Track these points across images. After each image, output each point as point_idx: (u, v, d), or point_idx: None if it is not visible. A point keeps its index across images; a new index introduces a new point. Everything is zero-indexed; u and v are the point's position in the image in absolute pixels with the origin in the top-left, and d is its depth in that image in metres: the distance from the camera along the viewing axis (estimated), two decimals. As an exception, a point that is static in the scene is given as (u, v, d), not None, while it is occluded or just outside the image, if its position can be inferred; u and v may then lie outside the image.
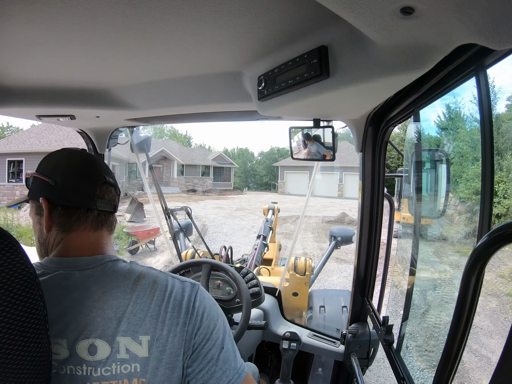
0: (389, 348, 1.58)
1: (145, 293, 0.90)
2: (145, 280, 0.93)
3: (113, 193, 1.06)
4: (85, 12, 0.86)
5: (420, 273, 7.13)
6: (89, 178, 1.00)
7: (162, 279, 0.95)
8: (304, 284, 3.11)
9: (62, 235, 0.97)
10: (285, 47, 1.07)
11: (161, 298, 0.91)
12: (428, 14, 0.63)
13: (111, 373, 0.83)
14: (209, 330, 0.94)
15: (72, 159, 1.03)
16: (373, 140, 1.69)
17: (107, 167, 1.08)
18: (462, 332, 0.68)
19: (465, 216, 10.66)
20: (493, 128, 0.88)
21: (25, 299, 0.70)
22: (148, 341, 0.86)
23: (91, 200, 0.99)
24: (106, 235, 1.04)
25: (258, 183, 53.72)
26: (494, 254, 0.58)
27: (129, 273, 0.93)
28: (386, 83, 0.92)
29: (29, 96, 1.54)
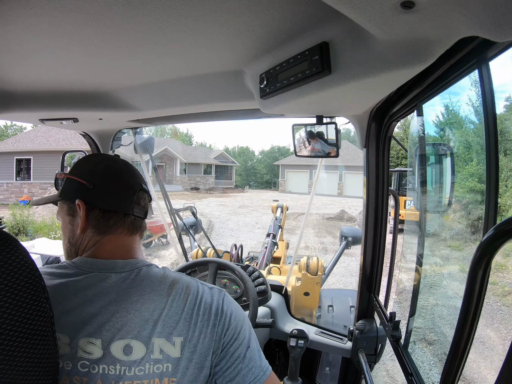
0: (397, 344, 1.58)
1: (180, 297, 0.95)
2: (179, 285, 0.98)
3: (146, 199, 1.10)
4: (85, 15, 0.86)
5: (425, 268, 7.11)
6: (128, 184, 1.04)
7: (193, 285, 1.01)
8: (316, 284, 3.10)
9: (97, 237, 0.99)
10: (286, 45, 1.07)
11: (193, 302, 0.96)
12: (428, 8, 0.63)
13: (144, 372, 0.86)
14: (236, 330, 0.99)
15: (110, 164, 1.06)
16: (377, 135, 1.68)
17: (141, 175, 1.12)
18: (469, 326, 0.68)
19: (467, 210, 10.62)
20: (497, 122, 0.88)
21: (31, 301, 0.71)
22: (181, 342, 0.90)
23: (129, 205, 1.02)
24: (138, 241, 1.08)
25: (259, 181, 54.12)
26: (500, 248, 0.58)
27: (163, 278, 0.98)
28: (388, 78, 0.92)
29: (32, 100, 1.55)
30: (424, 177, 1.50)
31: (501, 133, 10.94)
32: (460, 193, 10.80)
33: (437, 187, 1.62)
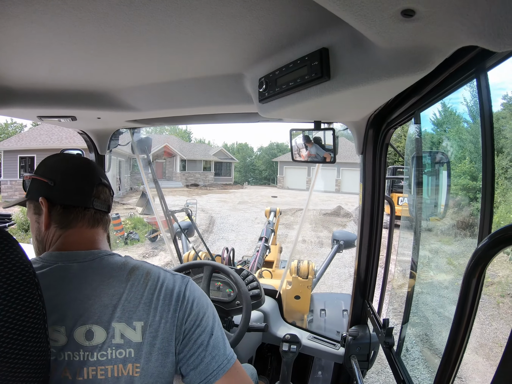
0: (389, 351, 1.58)
1: (139, 283, 0.96)
2: (139, 271, 0.98)
3: (107, 193, 1.13)
4: (87, 14, 0.86)
5: (420, 275, 7.13)
6: (86, 179, 1.07)
7: (154, 271, 1.01)
8: (306, 287, 3.09)
9: (60, 232, 1.02)
10: (286, 49, 1.07)
11: (154, 287, 0.97)
12: (429, 17, 0.63)
13: (107, 357, 0.87)
14: (198, 317, 0.99)
15: (69, 162, 1.10)
16: (374, 142, 1.69)
17: (101, 170, 1.16)
18: (462, 334, 0.68)
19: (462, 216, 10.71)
20: (493, 130, 0.88)
21: (24, 298, 0.71)
22: (141, 327, 0.91)
23: (88, 200, 1.05)
24: (102, 233, 1.10)
25: (258, 177, 54.26)
26: (494, 257, 0.58)
27: (124, 265, 0.99)
28: (387, 85, 0.92)
29: (31, 97, 1.55)
30: (420, 185, 1.51)
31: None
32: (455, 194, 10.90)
33: (433, 195, 1.63)
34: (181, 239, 3.70)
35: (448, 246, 9.50)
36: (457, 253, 9.05)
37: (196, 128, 78.96)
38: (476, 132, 11.04)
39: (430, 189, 1.64)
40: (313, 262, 3.18)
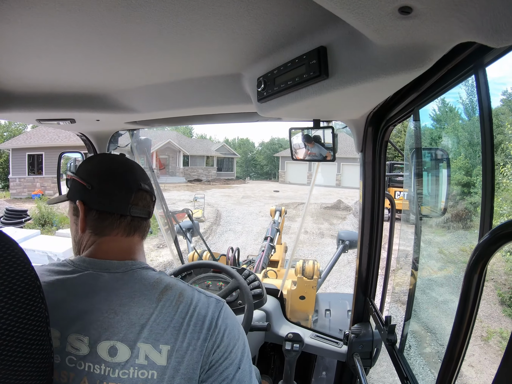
0: (392, 348, 1.58)
1: (170, 304, 0.92)
2: (171, 292, 0.94)
3: (147, 200, 1.08)
4: (85, 16, 0.86)
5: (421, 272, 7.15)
6: (124, 185, 1.02)
7: (188, 293, 0.97)
8: (311, 287, 3.07)
9: (94, 238, 1.00)
10: (284, 49, 1.07)
11: (185, 311, 0.93)
12: (426, 13, 0.63)
13: (128, 376, 0.85)
14: (228, 349, 0.95)
15: (109, 164, 1.06)
16: (373, 140, 1.69)
17: (143, 173, 1.10)
18: (465, 330, 0.68)
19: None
20: (493, 126, 0.88)
21: (26, 301, 0.71)
22: (168, 351, 0.87)
23: (125, 207, 1.01)
24: (138, 241, 1.07)
25: (259, 172, 54.88)
26: (496, 253, 0.58)
27: (157, 283, 0.95)
28: (385, 82, 0.92)
29: (29, 101, 1.55)
30: (420, 182, 1.51)
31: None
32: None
33: (433, 193, 1.63)
34: (186, 239, 3.70)
35: (446, 240, 9.60)
36: (455, 246, 9.20)
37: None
38: (472, 128, 11.11)
39: (430, 186, 1.64)
40: (318, 262, 3.17)
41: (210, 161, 41.20)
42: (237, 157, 46.94)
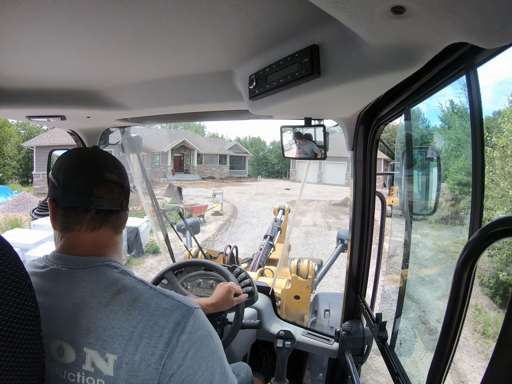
0: (383, 345, 1.59)
1: (120, 310, 0.84)
2: (125, 296, 0.86)
3: (115, 191, 1.01)
4: (76, 12, 0.85)
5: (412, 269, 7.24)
6: (84, 177, 0.97)
7: (146, 298, 0.87)
8: (306, 287, 3.04)
9: (62, 234, 0.99)
10: (276, 46, 1.07)
11: (138, 320, 0.83)
12: (419, 14, 0.63)
13: (76, 381, 0.82)
14: (192, 371, 0.84)
15: (73, 158, 1.01)
16: (364, 138, 1.69)
17: (112, 164, 1.04)
18: (455, 327, 0.68)
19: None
20: (483, 125, 0.89)
21: (17, 300, 0.70)
22: (114, 361, 0.80)
23: (87, 200, 0.95)
24: (109, 235, 1.01)
25: (270, 171, 55.51)
26: (485, 250, 0.59)
27: (112, 284, 0.88)
28: (377, 81, 0.93)
29: (19, 97, 1.52)
30: (411, 181, 1.52)
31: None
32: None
33: (423, 191, 1.64)
34: (186, 235, 3.67)
35: (439, 235, 9.80)
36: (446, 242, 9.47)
37: (210, 123, 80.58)
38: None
39: (420, 184, 1.66)
40: (313, 262, 3.14)
41: (223, 159, 41.96)
42: (249, 155, 47.64)
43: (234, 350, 2.12)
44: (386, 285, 7.76)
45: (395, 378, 1.40)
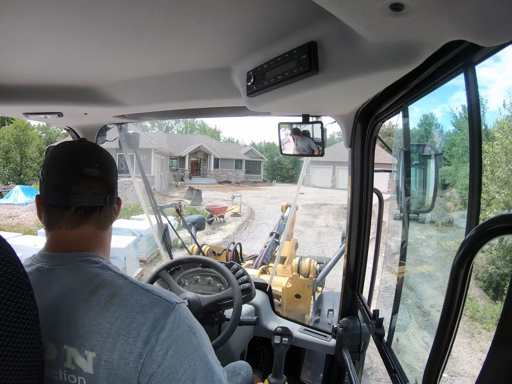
0: (380, 341, 1.60)
1: (98, 306, 0.81)
2: (103, 291, 0.83)
3: (96, 186, 0.96)
4: (73, 8, 0.84)
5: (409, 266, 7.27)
6: (63, 174, 0.94)
7: (125, 293, 0.84)
8: (307, 286, 2.98)
9: (47, 232, 0.97)
10: (274, 43, 1.07)
11: (115, 316, 0.80)
12: (417, 11, 0.63)
13: (58, 378, 0.80)
14: (173, 370, 0.80)
15: (57, 153, 0.98)
16: (362, 135, 1.69)
17: (94, 158, 0.98)
18: (452, 323, 0.69)
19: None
20: (481, 124, 0.89)
21: (16, 299, 0.69)
22: (93, 358, 0.78)
23: (66, 197, 0.92)
24: (92, 232, 0.97)
25: (285, 176, 56.26)
26: (482, 248, 0.59)
27: (91, 279, 0.86)
28: (375, 78, 0.92)
29: (16, 94, 1.52)
30: (408, 178, 1.52)
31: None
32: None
33: (420, 188, 1.64)
34: (191, 232, 3.66)
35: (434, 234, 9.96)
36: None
37: (225, 128, 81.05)
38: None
39: (418, 181, 1.66)
40: (315, 261, 3.08)
41: (239, 164, 42.74)
42: (264, 160, 48.29)
43: (232, 347, 2.13)
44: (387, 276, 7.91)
45: (392, 375, 1.41)
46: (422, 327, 6.31)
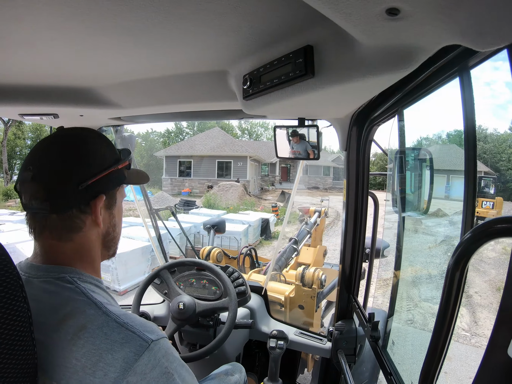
0: (376, 344, 1.60)
1: (65, 338, 0.72)
2: (72, 321, 0.74)
3: (32, 191, 0.83)
4: (70, 10, 0.84)
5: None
6: (23, 175, 0.84)
7: (95, 327, 0.74)
8: (310, 298, 2.87)
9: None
10: (270, 46, 1.07)
11: (82, 352, 0.71)
12: (413, 16, 0.64)
13: None
14: None
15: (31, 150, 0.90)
16: (358, 139, 1.70)
17: (32, 158, 0.86)
18: (447, 326, 0.69)
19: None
20: (475, 128, 0.90)
21: (9, 301, 0.68)
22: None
23: (22, 201, 0.85)
24: (53, 243, 0.86)
25: (372, 183, 55.09)
26: (477, 250, 0.59)
27: (61, 305, 0.77)
28: (370, 82, 0.93)
29: (12, 95, 1.51)
30: (403, 182, 1.53)
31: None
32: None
33: (416, 192, 1.65)
34: (209, 234, 3.61)
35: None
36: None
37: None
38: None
39: (413, 185, 1.66)
40: (321, 271, 2.93)
41: (327, 170, 43.30)
42: None
43: (227, 350, 2.12)
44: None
45: (388, 377, 1.41)
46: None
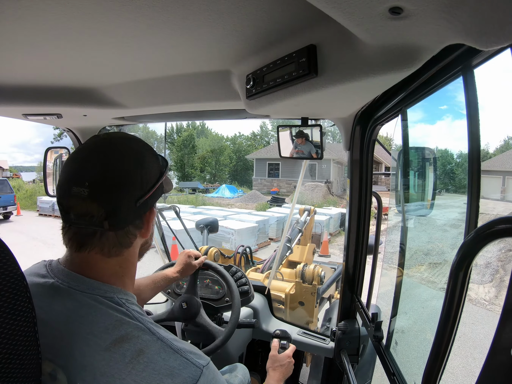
0: (379, 344, 1.59)
1: (123, 360, 0.74)
2: (128, 345, 0.75)
3: (87, 209, 0.80)
4: (73, 10, 0.84)
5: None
6: (59, 186, 0.85)
7: (152, 352, 0.76)
8: (310, 294, 2.91)
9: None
10: (274, 46, 1.07)
11: (142, 376, 0.73)
12: (416, 15, 0.64)
13: None
14: None
15: (68, 159, 0.89)
16: (361, 138, 1.70)
17: (86, 173, 0.83)
18: (450, 326, 0.69)
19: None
20: (479, 127, 0.90)
21: (13, 301, 0.68)
22: None
23: (64, 215, 0.83)
24: (99, 258, 0.86)
25: (457, 185, 56.00)
26: (480, 251, 0.59)
27: (113, 327, 0.77)
28: (374, 82, 0.93)
29: (16, 95, 1.52)
30: (407, 181, 1.52)
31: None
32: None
33: (419, 192, 1.64)
34: (204, 234, 3.63)
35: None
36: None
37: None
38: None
39: (417, 185, 1.66)
40: (320, 267, 2.97)
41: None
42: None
43: (230, 350, 2.12)
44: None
45: (391, 378, 1.40)
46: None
